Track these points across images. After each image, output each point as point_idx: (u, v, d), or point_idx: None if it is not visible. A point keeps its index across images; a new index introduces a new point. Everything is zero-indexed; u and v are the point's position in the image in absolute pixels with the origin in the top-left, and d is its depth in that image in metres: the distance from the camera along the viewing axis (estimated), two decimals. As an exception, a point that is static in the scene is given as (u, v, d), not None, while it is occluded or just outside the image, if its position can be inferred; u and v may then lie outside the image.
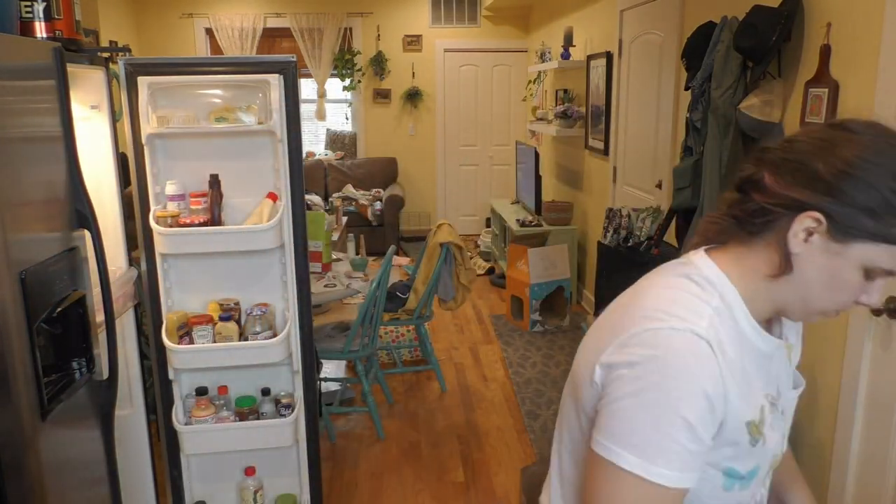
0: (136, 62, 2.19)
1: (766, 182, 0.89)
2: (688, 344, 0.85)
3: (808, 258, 0.87)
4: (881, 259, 0.84)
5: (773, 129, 2.53)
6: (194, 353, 2.25)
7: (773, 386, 0.98)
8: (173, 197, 2.28)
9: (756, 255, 0.91)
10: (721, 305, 0.90)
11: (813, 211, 0.84)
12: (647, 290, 0.95)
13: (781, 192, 0.87)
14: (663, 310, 0.88)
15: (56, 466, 1.57)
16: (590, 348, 0.97)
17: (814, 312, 0.92)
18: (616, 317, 0.95)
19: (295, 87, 2.24)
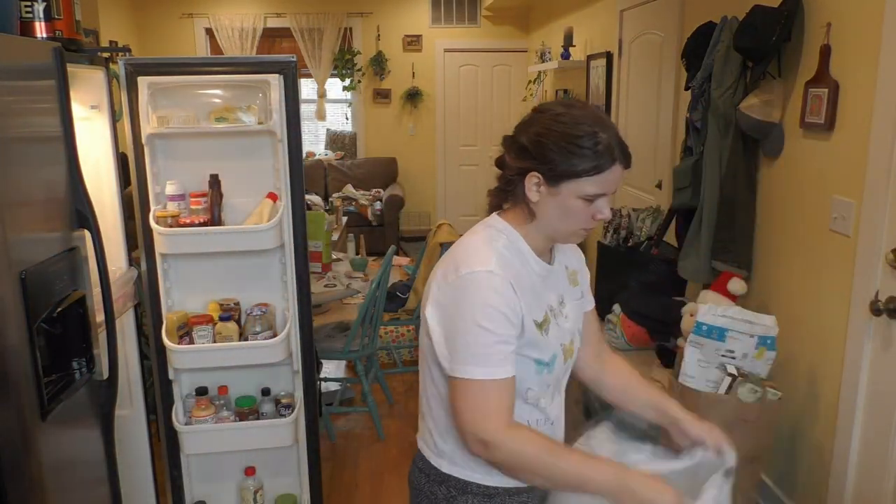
0: (136, 62, 2.19)
1: (507, 160, 1.31)
2: (484, 279, 1.22)
3: (543, 203, 1.26)
4: (585, 188, 1.23)
5: (772, 129, 2.53)
6: (194, 353, 2.25)
7: (555, 296, 1.36)
8: (173, 197, 2.28)
9: (518, 209, 1.31)
10: (509, 244, 1.29)
11: (531, 172, 1.24)
12: (458, 245, 1.31)
13: (513, 164, 1.29)
14: (463, 260, 1.25)
15: (56, 466, 1.57)
16: (425, 297, 1.32)
17: (567, 235, 1.31)
18: (439, 270, 1.30)
19: (295, 87, 2.24)
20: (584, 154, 1.21)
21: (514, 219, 1.32)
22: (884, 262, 2.02)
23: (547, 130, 1.24)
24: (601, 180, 1.23)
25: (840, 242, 2.22)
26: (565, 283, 1.41)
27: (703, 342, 2.22)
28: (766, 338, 2.21)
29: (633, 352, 2.91)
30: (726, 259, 2.70)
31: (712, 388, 2.23)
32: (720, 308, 2.23)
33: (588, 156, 1.21)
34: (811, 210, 2.38)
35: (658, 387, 1.42)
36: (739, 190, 2.66)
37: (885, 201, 2.00)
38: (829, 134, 2.27)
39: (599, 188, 1.24)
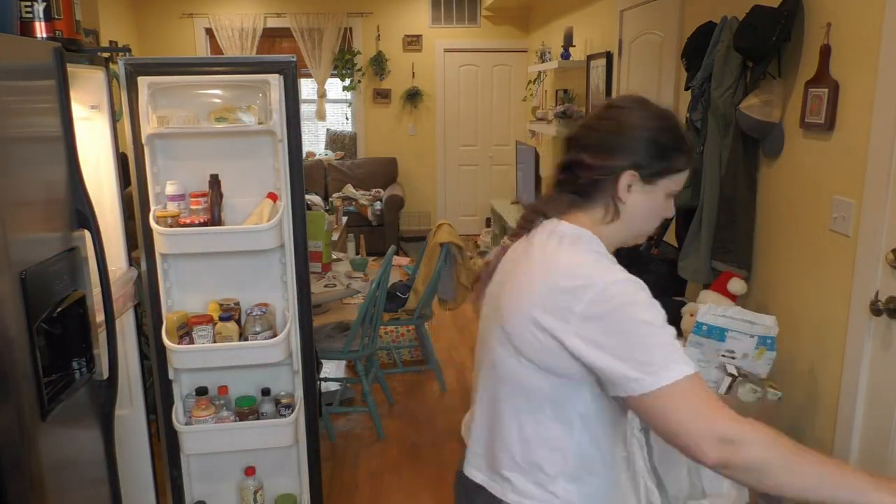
0: (136, 62, 2.19)
1: (587, 161, 1.22)
2: (629, 284, 1.12)
3: (632, 202, 1.22)
4: (675, 184, 1.23)
5: (773, 129, 2.53)
6: (194, 353, 2.25)
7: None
8: (173, 197, 2.28)
9: (594, 212, 1.24)
10: (601, 249, 1.22)
11: (629, 170, 1.19)
12: (548, 257, 1.19)
13: (601, 164, 1.20)
14: (585, 275, 1.13)
15: (56, 466, 1.57)
16: (511, 310, 1.19)
17: (642, 235, 1.29)
18: (527, 281, 1.18)
19: (295, 87, 2.24)
20: (682, 149, 1.23)
21: (588, 222, 1.24)
22: (884, 262, 2.02)
23: (650, 127, 1.21)
24: (685, 176, 1.25)
25: (840, 242, 2.22)
26: None
27: (703, 342, 2.22)
28: (766, 338, 2.21)
29: (633, 352, 2.91)
30: (726, 259, 2.70)
31: (712, 388, 2.23)
32: (720, 308, 2.23)
33: (685, 150, 1.23)
34: (811, 210, 2.38)
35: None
36: (739, 190, 2.66)
37: (885, 201, 2.00)
38: (829, 134, 2.27)
39: (681, 184, 1.25)
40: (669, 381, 1.04)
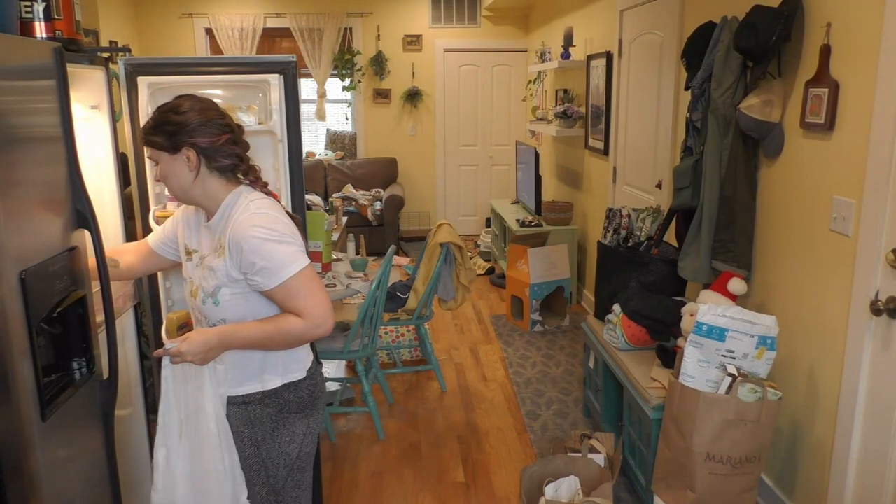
0: (136, 62, 2.19)
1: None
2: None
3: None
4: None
5: (772, 129, 2.53)
6: (194, 353, 2.24)
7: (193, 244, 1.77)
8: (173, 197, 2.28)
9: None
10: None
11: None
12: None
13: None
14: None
15: (56, 466, 1.57)
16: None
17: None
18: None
19: (295, 87, 2.24)
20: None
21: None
22: (884, 262, 2.02)
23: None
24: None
25: (840, 242, 2.22)
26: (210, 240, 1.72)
27: (702, 342, 2.22)
28: (766, 338, 2.21)
29: (634, 352, 2.91)
30: (726, 259, 2.70)
31: (712, 388, 2.23)
32: (720, 308, 2.23)
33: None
34: (811, 210, 2.38)
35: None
36: (739, 190, 2.66)
37: (885, 201, 2.00)
38: (829, 134, 2.27)
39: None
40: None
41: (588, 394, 3.42)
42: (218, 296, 1.65)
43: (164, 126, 1.63)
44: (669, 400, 2.33)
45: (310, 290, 1.62)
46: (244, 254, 1.60)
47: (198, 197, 1.70)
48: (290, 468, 1.78)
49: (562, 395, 3.73)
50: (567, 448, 2.85)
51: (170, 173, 1.66)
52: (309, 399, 1.78)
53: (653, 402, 2.53)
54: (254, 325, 1.63)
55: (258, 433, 1.73)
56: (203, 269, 1.70)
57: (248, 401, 1.73)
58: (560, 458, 2.68)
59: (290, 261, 1.60)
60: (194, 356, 1.59)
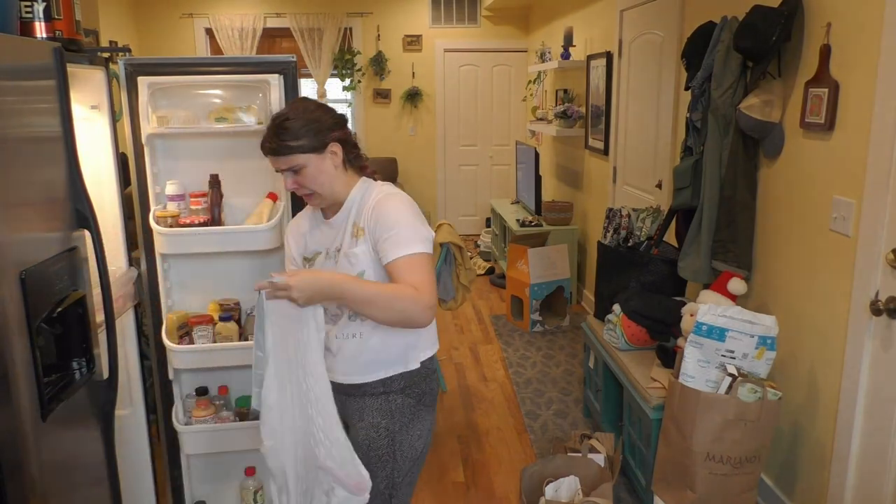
0: (136, 62, 2.19)
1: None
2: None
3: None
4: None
5: (772, 129, 2.53)
6: (194, 353, 2.25)
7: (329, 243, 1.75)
8: (173, 197, 2.28)
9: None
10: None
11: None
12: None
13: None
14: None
15: (56, 466, 1.57)
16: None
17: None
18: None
19: (295, 87, 2.24)
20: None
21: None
22: (884, 262, 2.02)
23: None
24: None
25: (840, 242, 2.22)
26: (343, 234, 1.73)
27: (702, 342, 2.22)
28: (766, 338, 2.21)
29: (634, 352, 2.91)
30: (726, 259, 2.70)
31: (712, 388, 2.23)
32: (720, 308, 2.23)
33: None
34: (811, 210, 2.38)
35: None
36: (739, 190, 2.66)
37: (885, 201, 2.00)
38: (829, 134, 2.27)
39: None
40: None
41: (588, 394, 3.42)
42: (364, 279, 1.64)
43: (307, 126, 1.62)
44: (669, 400, 2.33)
45: (429, 273, 1.61)
46: (385, 219, 1.62)
47: (342, 192, 1.70)
48: (415, 462, 1.77)
49: (562, 395, 3.73)
50: (567, 448, 2.85)
51: (320, 173, 1.66)
52: (435, 392, 1.81)
53: (653, 402, 2.53)
54: (368, 284, 1.60)
55: (396, 424, 1.72)
56: (336, 261, 1.69)
57: (389, 390, 1.71)
58: (560, 458, 2.68)
59: (421, 240, 1.62)
60: (301, 293, 1.51)
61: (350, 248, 1.67)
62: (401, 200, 1.67)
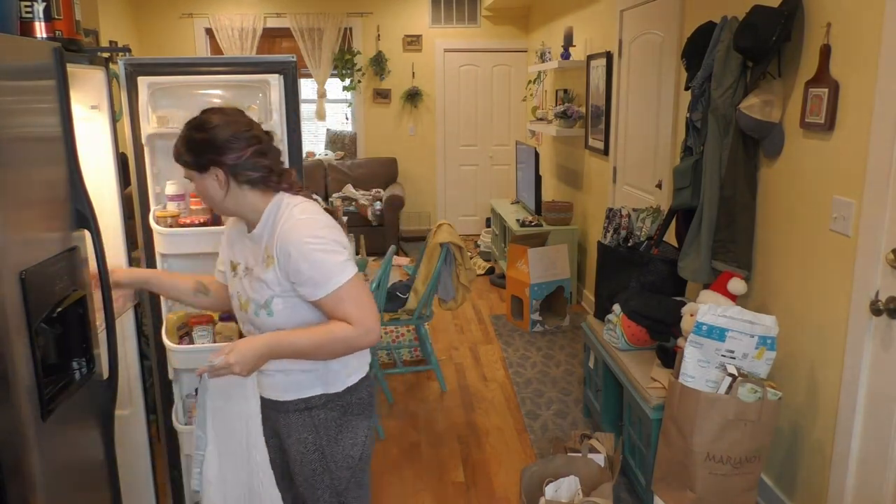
0: (136, 62, 2.19)
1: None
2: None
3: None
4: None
5: (772, 129, 2.53)
6: (194, 353, 2.25)
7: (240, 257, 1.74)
8: (173, 197, 2.28)
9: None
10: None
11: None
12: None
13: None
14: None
15: (56, 466, 1.57)
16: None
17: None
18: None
19: (295, 87, 2.24)
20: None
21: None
22: (884, 262, 2.02)
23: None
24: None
25: (840, 242, 2.22)
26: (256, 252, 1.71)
27: (702, 342, 2.22)
28: (766, 338, 2.21)
29: (634, 352, 2.91)
30: (726, 259, 2.70)
31: (712, 388, 2.23)
32: (720, 308, 2.23)
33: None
34: (811, 210, 2.38)
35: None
36: (739, 190, 2.66)
37: (885, 201, 2.00)
38: (829, 134, 2.27)
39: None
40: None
41: (588, 394, 3.42)
42: (271, 306, 1.62)
43: (191, 145, 1.60)
44: (669, 400, 2.33)
45: (359, 298, 1.59)
46: (291, 261, 1.57)
47: (234, 210, 1.68)
48: (353, 470, 1.76)
49: (562, 395, 3.73)
50: (567, 448, 2.85)
51: (202, 191, 1.65)
52: (368, 400, 1.77)
53: (653, 402, 2.53)
54: (303, 332, 1.60)
55: (323, 438, 1.71)
56: (252, 280, 1.66)
57: (311, 406, 1.70)
58: (560, 458, 2.68)
59: (339, 270, 1.57)
60: (243, 367, 1.54)
61: (261, 274, 1.64)
62: (305, 233, 1.58)
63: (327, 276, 1.56)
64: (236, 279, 1.73)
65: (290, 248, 1.57)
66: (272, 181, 1.65)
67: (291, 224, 1.60)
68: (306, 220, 1.61)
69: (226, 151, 1.59)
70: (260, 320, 1.65)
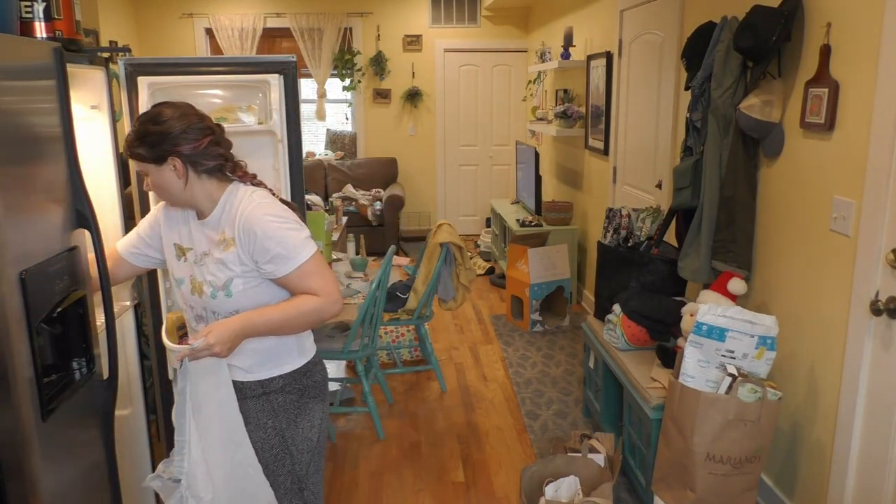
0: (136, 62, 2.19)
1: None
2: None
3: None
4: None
5: (772, 129, 2.53)
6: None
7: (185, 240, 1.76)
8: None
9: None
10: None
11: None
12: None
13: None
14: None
15: (56, 466, 1.57)
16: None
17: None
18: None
19: (295, 87, 2.24)
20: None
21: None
22: (884, 262, 2.02)
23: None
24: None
25: (840, 242, 2.22)
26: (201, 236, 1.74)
27: (702, 342, 2.22)
28: (766, 338, 2.21)
29: (634, 352, 2.91)
30: (726, 259, 2.70)
31: (712, 388, 2.23)
32: (720, 308, 2.23)
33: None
34: (811, 210, 2.38)
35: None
36: (739, 190, 2.66)
37: (885, 201, 2.00)
38: (829, 134, 2.27)
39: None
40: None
41: (588, 394, 3.42)
42: (230, 287, 1.66)
43: (146, 138, 1.62)
44: (669, 400, 2.33)
45: (323, 271, 1.67)
46: (258, 240, 1.62)
47: (190, 200, 1.70)
48: (313, 453, 1.81)
49: (562, 395, 3.73)
50: (567, 448, 2.85)
51: (160, 184, 1.67)
52: (322, 383, 1.83)
53: (653, 402, 2.53)
54: (274, 308, 1.65)
55: (282, 421, 1.75)
56: (206, 264, 1.69)
57: (269, 390, 1.75)
58: (560, 458, 2.68)
59: (303, 246, 1.65)
60: (222, 346, 1.58)
61: (217, 254, 1.68)
62: (269, 212, 1.65)
63: (294, 252, 1.63)
64: (186, 264, 1.75)
65: (256, 228, 1.62)
66: (227, 169, 1.71)
67: (253, 206, 1.66)
68: (268, 203, 1.68)
69: (182, 142, 1.63)
70: (216, 302, 1.68)
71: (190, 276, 1.73)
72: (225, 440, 1.69)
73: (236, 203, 1.68)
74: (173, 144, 1.62)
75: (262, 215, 1.64)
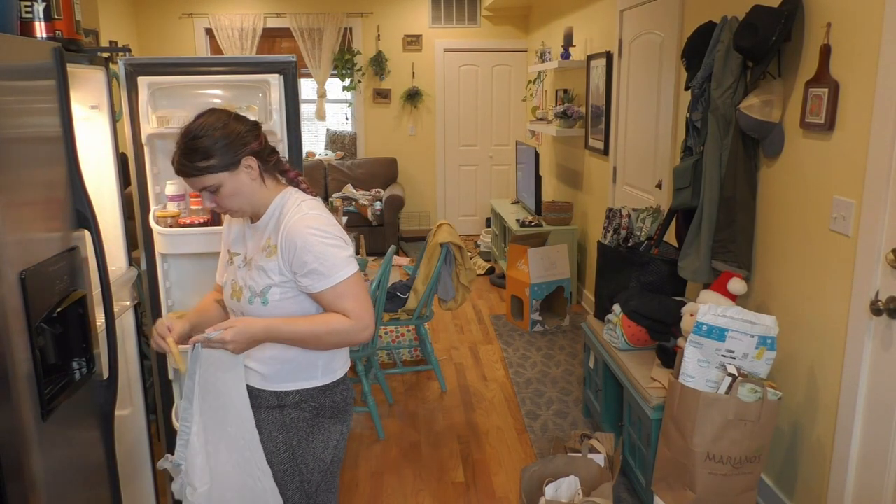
0: (136, 62, 2.19)
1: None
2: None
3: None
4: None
5: (772, 129, 2.53)
6: (194, 353, 2.24)
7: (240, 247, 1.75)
8: (173, 197, 2.28)
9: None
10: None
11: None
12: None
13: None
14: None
15: (56, 466, 1.57)
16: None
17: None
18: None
19: (295, 87, 2.24)
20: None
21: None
22: (884, 262, 2.02)
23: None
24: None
25: (840, 242, 2.22)
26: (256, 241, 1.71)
27: (702, 342, 2.22)
28: (766, 338, 2.21)
29: (634, 352, 2.91)
30: (726, 259, 2.70)
31: (712, 388, 2.23)
32: (720, 308, 2.23)
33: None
34: (811, 210, 2.38)
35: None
36: (739, 190, 2.66)
37: (885, 201, 2.00)
38: (829, 134, 2.27)
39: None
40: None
41: (588, 394, 3.42)
42: (268, 295, 1.62)
43: (215, 146, 1.54)
44: (669, 400, 2.33)
45: (359, 294, 1.61)
46: (297, 252, 1.58)
47: (261, 203, 1.65)
48: (324, 473, 1.75)
49: (562, 395, 3.73)
50: (567, 448, 2.85)
51: (237, 190, 1.59)
52: (343, 404, 1.75)
53: (653, 402, 2.53)
54: (303, 320, 1.61)
55: (293, 438, 1.70)
56: (249, 269, 1.66)
57: (284, 404, 1.69)
58: (560, 458, 2.68)
59: (343, 265, 1.59)
60: (237, 345, 1.54)
61: (260, 260, 1.64)
62: (312, 225, 1.59)
63: (331, 270, 1.58)
64: (232, 268, 1.73)
65: (297, 240, 1.58)
66: (282, 165, 1.69)
67: (299, 217, 1.60)
68: (315, 216, 1.62)
69: (250, 139, 1.60)
70: (253, 308, 1.64)
71: (232, 280, 1.71)
72: (234, 435, 1.66)
73: (285, 211, 1.63)
74: (244, 143, 1.58)
75: (305, 227, 1.58)
